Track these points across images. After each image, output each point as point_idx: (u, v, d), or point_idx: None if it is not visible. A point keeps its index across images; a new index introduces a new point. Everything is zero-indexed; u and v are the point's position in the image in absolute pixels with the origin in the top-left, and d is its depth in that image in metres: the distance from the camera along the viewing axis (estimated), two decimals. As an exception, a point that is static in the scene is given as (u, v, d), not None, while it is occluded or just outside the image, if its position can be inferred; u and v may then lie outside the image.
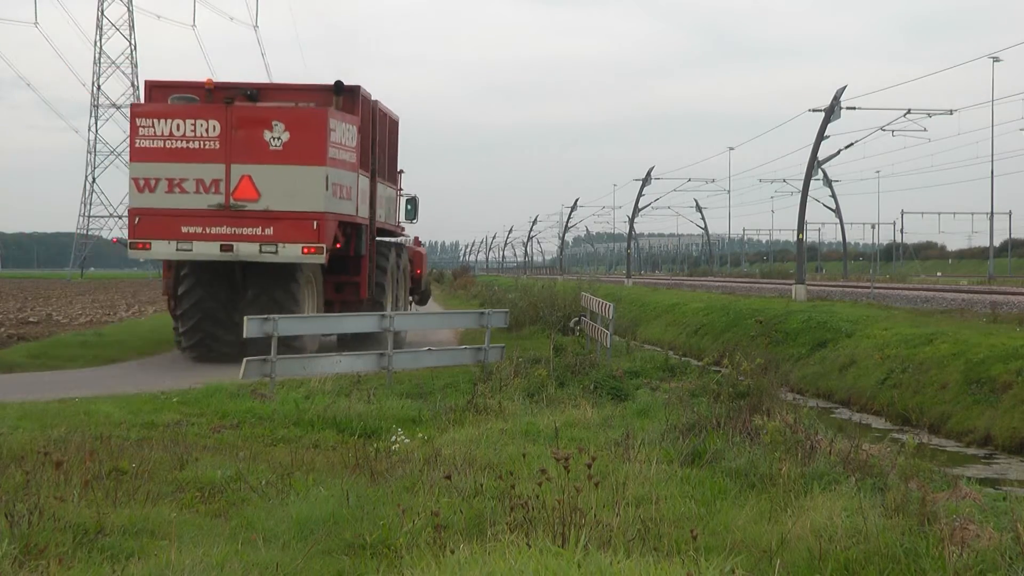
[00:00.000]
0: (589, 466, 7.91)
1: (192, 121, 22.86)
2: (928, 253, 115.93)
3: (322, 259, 23.57)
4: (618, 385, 18.20)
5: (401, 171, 30.79)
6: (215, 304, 23.95)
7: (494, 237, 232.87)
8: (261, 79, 53.36)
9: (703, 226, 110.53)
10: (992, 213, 76.29)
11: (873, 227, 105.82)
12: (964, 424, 18.69)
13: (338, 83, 24.44)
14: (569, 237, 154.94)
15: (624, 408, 16.13)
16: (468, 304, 50.62)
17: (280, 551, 8.29)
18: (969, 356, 20.55)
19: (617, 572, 6.66)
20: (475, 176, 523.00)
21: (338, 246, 24.88)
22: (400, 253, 29.61)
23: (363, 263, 26.08)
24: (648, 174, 79.31)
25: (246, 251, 23.04)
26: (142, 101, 25.08)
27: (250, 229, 22.97)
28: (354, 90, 24.95)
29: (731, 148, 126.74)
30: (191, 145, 22.82)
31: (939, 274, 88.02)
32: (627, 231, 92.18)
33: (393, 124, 28.97)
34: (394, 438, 13.24)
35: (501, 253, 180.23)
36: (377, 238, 27.45)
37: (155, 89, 24.58)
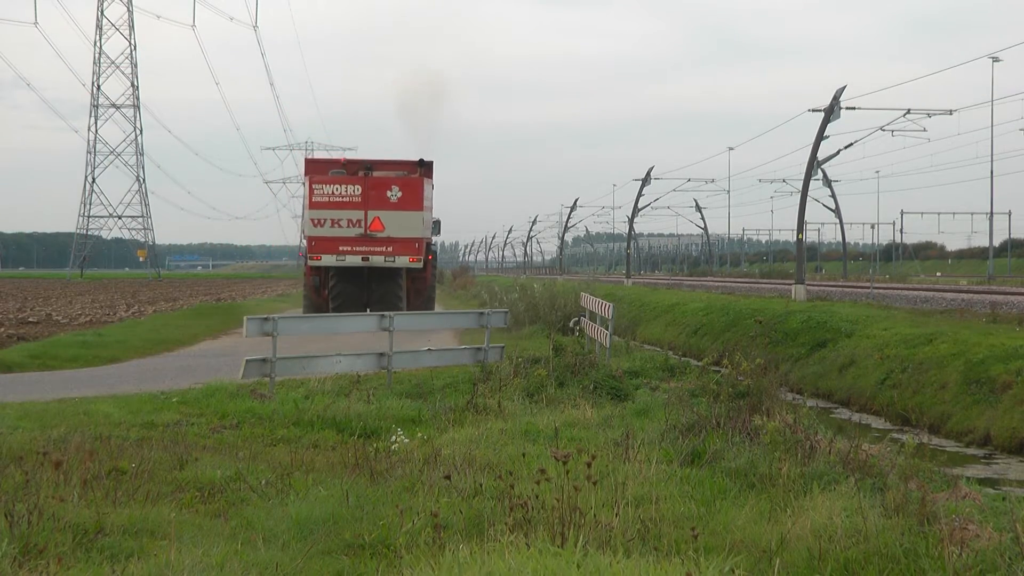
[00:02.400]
0: (589, 465, 7.89)
1: (345, 185, 36.80)
2: (928, 253, 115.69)
3: (420, 265, 37.34)
4: (618, 385, 18.16)
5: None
6: (353, 295, 37.04)
7: (493, 237, 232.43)
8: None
9: (703, 226, 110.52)
10: (992, 213, 76.19)
11: (873, 227, 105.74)
12: (964, 424, 18.69)
13: (421, 160, 38.98)
14: (569, 237, 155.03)
15: (624, 408, 16.11)
16: (468, 304, 50.66)
17: (280, 551, 8.30)
18: (969, 356, 20.54)
19: (617, 572, 6.66)
20: (475, 176, 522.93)
21: (430, 258, 38.90)
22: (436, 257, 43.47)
23: (428, 266, 38.60)
24: (648, 174, 79.28)
25: (376, 260, 36.75)
26: (303, 173, 41.37)
27: (379, 248, 36.67)
28: (430, 163, 39.04)
29: (731, 148, 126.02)
30: (344, 199, 36.61)
31: (939, 274, 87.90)
32: (627, 231, 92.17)
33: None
34: (394, 438, 13.23)
35: (501, 253, 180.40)
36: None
37: (310, 163, 40.20)
